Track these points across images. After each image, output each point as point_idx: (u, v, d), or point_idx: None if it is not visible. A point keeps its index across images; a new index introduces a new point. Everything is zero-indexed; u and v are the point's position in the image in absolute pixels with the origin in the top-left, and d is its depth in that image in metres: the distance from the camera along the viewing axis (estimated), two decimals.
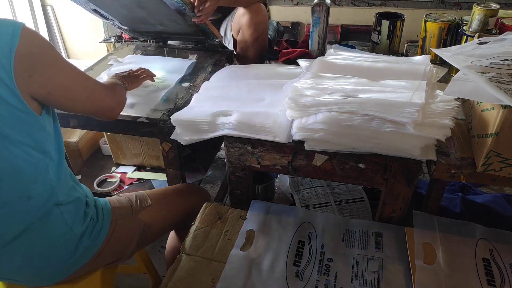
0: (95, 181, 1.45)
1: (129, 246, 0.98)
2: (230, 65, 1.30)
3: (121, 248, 0.96)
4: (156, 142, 1.36)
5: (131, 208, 0.99)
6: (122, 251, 0.97)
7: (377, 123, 0.84)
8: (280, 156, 0.96)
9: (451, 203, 1.20)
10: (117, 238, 0.94)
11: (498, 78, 0.77)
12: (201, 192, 1.18)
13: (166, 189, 1.13)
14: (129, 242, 0.98)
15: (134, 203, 1.00)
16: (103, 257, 0.93)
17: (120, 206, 0.97)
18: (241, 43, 1.57)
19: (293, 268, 0.86)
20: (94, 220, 0.91)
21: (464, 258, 0.86)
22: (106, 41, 2.79)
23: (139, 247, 1.03)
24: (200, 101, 1.10)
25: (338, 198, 1.27)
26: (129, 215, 0.98)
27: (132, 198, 1.02)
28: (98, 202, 0.95)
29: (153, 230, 1.03)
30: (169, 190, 1.13)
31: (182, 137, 1.00)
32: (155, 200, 1.05)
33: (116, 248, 0.95)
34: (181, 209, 1.09)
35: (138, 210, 0.99)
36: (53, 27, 2.97)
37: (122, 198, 1.01)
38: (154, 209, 1.03)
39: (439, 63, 1.33)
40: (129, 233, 0.97)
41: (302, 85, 0.96)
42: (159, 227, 1.05)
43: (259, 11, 1.49)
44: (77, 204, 0.89)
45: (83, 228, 0.88)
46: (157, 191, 1.11)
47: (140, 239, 1.00)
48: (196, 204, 1.10)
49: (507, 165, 0.80)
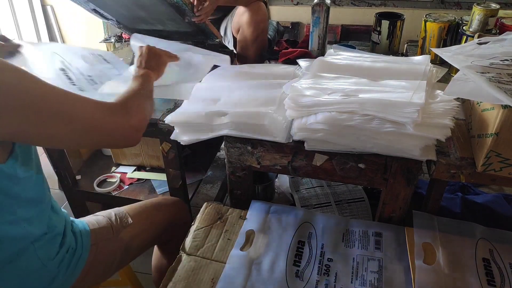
0: (95, 181, 1.45)
1: (111, 267, 0.95)
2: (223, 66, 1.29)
3: (104, 270, 0.93)
4: (156, 142, 1.36)
5: (112, 228, 0.94)
6: (104, 273, 0.94)
7: (377, 123, 0.84)
8: (280, 156, 0.96)
9: (451, 203, 1.20)
10: (98, 261, 0.90)
11: (498, 78, 0.77)
12: (177, 204, 1.15)
13: (145, 203, 1.08)
14: (111, 263, 0.94)
15: (114, 223, 0.96)
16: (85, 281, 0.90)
17: (99, 228, 0.93)
18: (241, 42, 1.57)
19: (293, 268, 0.86)
20: (72, 248, 0.85)
21: (464, 258, 0.86)
22: (106, 41, 2.79)
23: (121, 266, 1.00)
24: (193, 102, 1.10)
25: (338, 198, 1.27)
26: (110, 236, 0.93)
27: (111, 218, 0.97)
28: (76, 227, 0.89)
29: (134, 247, 0.99)
30: (148, 204, 1.08)
31: (182, 137, 1.00)
32: (135, 216, 1.01)
33: (98, 270, 0.92)
34: (160, 222, 1.06)
35: (118, 229, 0.95)
36: (53, 27, 2.97)
37: (100, 218, 0.96)
38: (134, 226, 0.99)
39: (439, 63, 1.33)
40: (110, 254, 0.93)
41: (302, 85, 0.96)
42: (140, 244, 1.02)
43: (259, 10, 1.49)
44: (53, 236, 0.82)
45: (59, 261, 0.82)
46: (135, 207, 1.06)
47: (122, 258, 0.97)
48: (174, 216, 1.10)
49: (507, 165, 0.80)
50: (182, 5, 1.27)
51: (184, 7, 1.28)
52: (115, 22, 1.58)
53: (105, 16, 1.53)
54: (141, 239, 1.02)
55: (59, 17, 2.98)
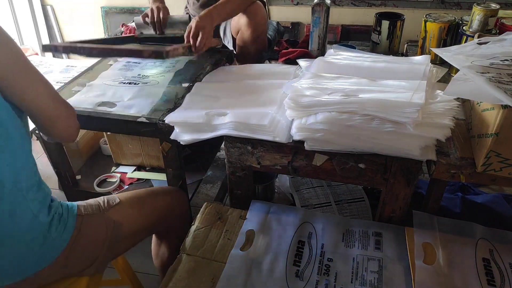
0: (95, 181, 1.45)
1: (101, 248, 0.94)
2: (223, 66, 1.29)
3: (93, 248, 0.93)
4: (156, 142, 1.36)
5: (99, 207, 0.96)
6: (94, 252, 0.93)
7: (377, 123, 0.84)
8: (280, 156, 0.96)
9: (451, 203, 1.20)
10: (85, 235, 0.91)
11: (498, 78, 0.77)
12: (177, 193, 1.14)
13: (139, 190, 1.09)
14: (100, 242, 0.94)
15: (101, 204, 0.97)
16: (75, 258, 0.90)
17: (86, 205, 0.95)
18: (240, 43, 1.57)
19: (293, 268, 0.86)
20: (59, 214, 0.89)
21: (464, 258, 0.86)
22: None
23: (112, 251, 0.98)
24: (193, 102, 1.10)
25: (338, 198, 1.27)
26: (97, 211, 0.95)
27: (99, 200, 0.98)
28: (64, 203, 0.93)
29: (125, 229, 0.98)
30: (143, 191, 1.09)
31: (182, 137, 1.00)
32: (125, 199, 1.01)
33: (87, 247, 0.92)
34: (154, 209, 1.05)
35: (106, 209, 0.96)
36: (53, 27, 2.97)
37: (89, 200, 0.98)
38: (124, 207, 0.99)
39: (439, 63, 1.33)
40: (98, 231, 0.93)
41: (302, 85, 0.96)
42: (131, 227, 1.00)
43: (258, 11, 1.49)
44: (42, 195, 0.87)
45: (49, 219, 0.86)
46: (128, 192, 1.07)
47: (111, 239, 0.95)
48: (172, 204, 1.09)
49: (507, 165, 0.80)
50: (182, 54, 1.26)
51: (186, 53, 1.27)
52: None
53: None
54: (132, 221, 0.99)
55: (59, 17, 2.98)
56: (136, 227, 1.01)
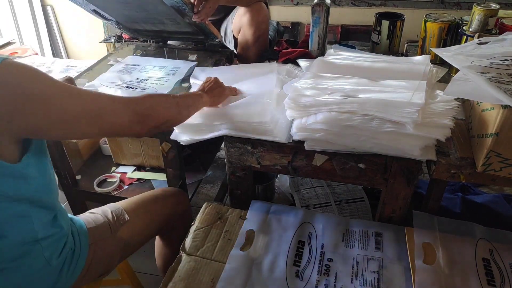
0: (95, 181, 1.45)
1: (111, 265, 0.95)
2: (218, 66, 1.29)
3: (104, 268, 0.93)
4: (156, 142, 1.36)
5: (109, 226, 0.94)
6: (104, 270, 0.94)
7: (377, 123, 0.84)
8: (280, 156, 0.96)
9: (451, 203, 1.20)
10: (97, 260, 0.90)
11: (498, 78, 0.77)
12: (178, 195, 1.14)
13: (142, 197, 1.07)
14: (110, 261, 0.94)
15: (111, 220, 0.95)
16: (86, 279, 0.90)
17: (97, 226, 0.92)
18: (242, 43, 1.57)
19: (293, 268, 0.86)
20: (71, 249, 0.85)
21: (464, 258, 0.86)
22: (106, 41, 2.79)
23: (121, 261, 1.01)
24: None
25: (338, 198, 1.27)
26: (108, 234, 0.93)
27: (108, 215, 0.96)
28: (74, 226, 0.89)
29: (134, 243, 0.99)
30: (145, 198, 1.07)
31: (182, 137, 1.00)
32: (133, 211, 1.00)
33: (99, 268, 0.91)
34: (160, 216, 1.06)
35: (116, 228, 0.95)
36: (53, 27, 2.97)
37: (98, 216, 0.95)
38: (133, 223, 0.98)
39: (439, 63, 1.33)
40: (109, 253, 0.93)
41: (302, 85, 0.96)
42: (140, 239, 1.01)
43: (260, 11, 1.49)
44: (60, 236, 0.82)
45: (63, 260, 0.83)
46: (133, 201, 1.05)
47: (122, 255, 0.97)
48: (174, 207, 1.09)
49: (507, 165, 0.80)
50: (182, 4, 1.27)
51: (184, 6, 1.28)
52: (115, 22, 1.58)
53: (105, 16, 1.53)
54: (141, 235, 1.02)
55: (59, 17, 2.98)
56: (144, 238, 1.04)
